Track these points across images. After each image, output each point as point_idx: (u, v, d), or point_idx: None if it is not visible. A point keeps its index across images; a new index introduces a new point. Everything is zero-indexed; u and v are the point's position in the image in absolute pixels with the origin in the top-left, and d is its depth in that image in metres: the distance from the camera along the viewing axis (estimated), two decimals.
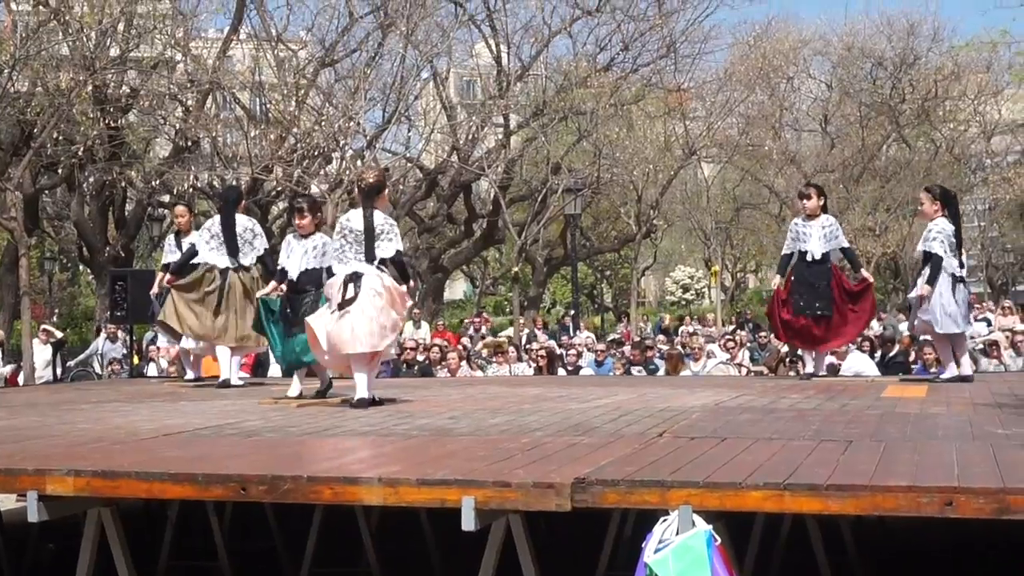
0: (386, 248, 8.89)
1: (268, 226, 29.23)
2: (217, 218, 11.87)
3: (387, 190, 9.51)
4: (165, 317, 11.76)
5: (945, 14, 61.38)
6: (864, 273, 12.21)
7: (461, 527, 5.18)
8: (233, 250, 11.54)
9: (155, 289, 12.93)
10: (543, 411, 8.64)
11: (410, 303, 9.06)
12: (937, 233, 10.63)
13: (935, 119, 40.97)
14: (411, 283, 9.35)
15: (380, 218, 8.96)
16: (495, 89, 31.14)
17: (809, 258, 11.50)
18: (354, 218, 9.01)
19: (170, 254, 12.86)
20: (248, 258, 11.58)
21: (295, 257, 9.96)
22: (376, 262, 8.86)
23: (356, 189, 9.68)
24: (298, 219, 10.11)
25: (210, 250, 11.64)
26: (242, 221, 11.71)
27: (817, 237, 11.51)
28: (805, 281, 11.51)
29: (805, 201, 11.73)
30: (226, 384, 11.58)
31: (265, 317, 10.16)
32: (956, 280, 10.62)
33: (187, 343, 12.35)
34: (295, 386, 10.20)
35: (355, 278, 8.82)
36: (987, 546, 8.59)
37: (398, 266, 9.03)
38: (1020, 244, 46.31)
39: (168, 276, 12.09)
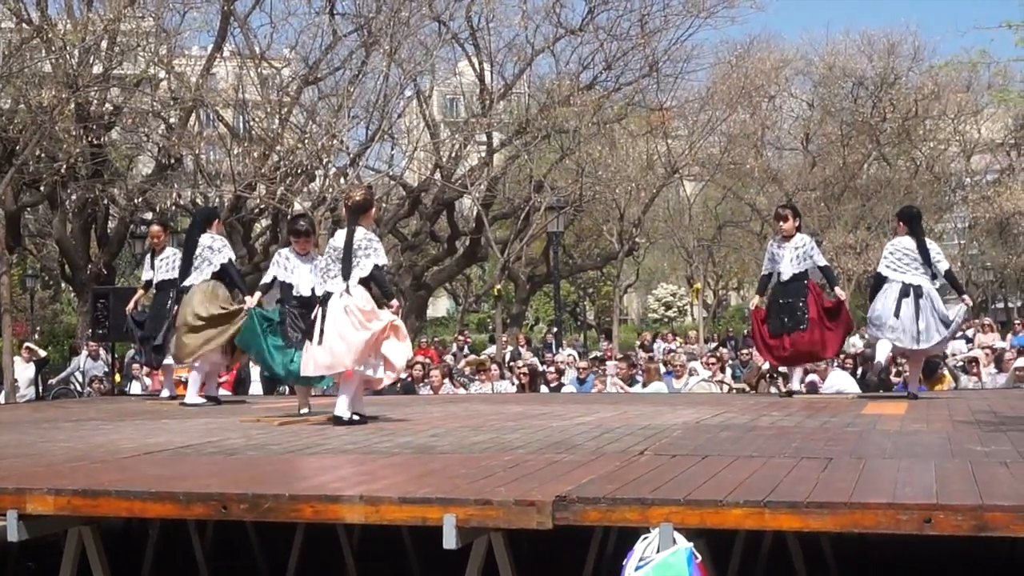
0: (364, 265, 8.96)
1: (251, 243, 29.19)
2: (203, 237, 11.95)
3: (373, 209, 9.58)
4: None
5: (925, 34, 62.01)
6: (838, 291, 12.32)
7: (443, 545, 5.18)
8: (185, 271, 11.67)
9: (130, 306, 12.96)
10: (525, 428, 8.65)
11: (386, 319, 9.05)
12: (886, 252, 11.24)
13: (915, 138, 41.21)
14: (394, 300, 9.41)
15: (360, 234, 9.02)
16: (478, 107, 31.19)
17: (782, 279, 11.66)
18: (339, 236, 9.13)
19: (147, 272, 12.89)
20: (203, 274, 11.62)
21: (303, 274, 10.01)
22: (355, 280, 8.93)
23: (343, 206, 9.76)
24: (302, 241, 10.15)
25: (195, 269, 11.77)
26: (203, 240, 11.75)
27: (789, 259, 11.66)
28: (780, 300, 11.65)
29: (781, 223, 11.84)
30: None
31: (262, 331, 10.11)
32: (904, 290, 10.87)
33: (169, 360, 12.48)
34: (303, 405, 10.29)
35: (323, 300, 8.96)
36: (966, 563, 8.62)
37: (378, 281, 9.09)
38: (999, 262, 46.50)
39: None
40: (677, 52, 32.32)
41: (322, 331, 8.94)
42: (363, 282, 8.98)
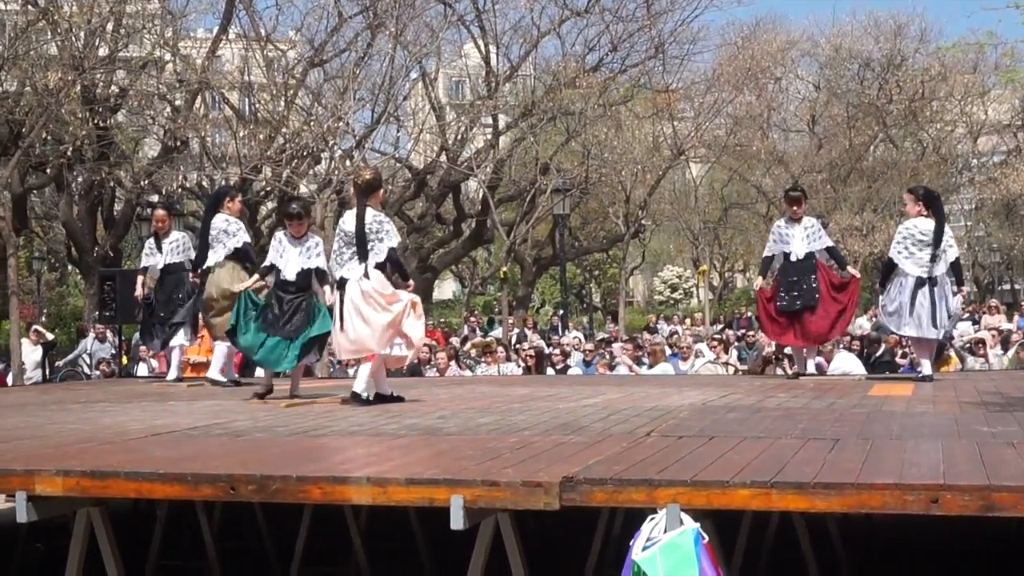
0: (379, 249, 9.01)
1: (257, 226, 29.19)
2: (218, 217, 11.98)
3: (381, 189, 9.63)
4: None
5: (932, 15, 61.89)
6: (851, 270, 12.31)
7: (450, 526, 5.19)
8: (202, 253, 11.68)
9: (140, 291, 12.97)
10: (531, 410, 8.66)
11: (406, 299, 9.12)
12: (899, 236, 11.02)
13: (922, 120, 41.11)
14: (411, 281, 9.50)
15: (371, 216, 9.06)
16: (484, 89, 31.17)
17: (793, 258, 11.64)
18: (348, 219, 9.16)
19: (148, 256, 12.87)
20: (217, 255, 11.63)
21: (290, 258, 9.94)
22: (371, 264, 8.99)
23: (352, 186, 9.79)
24: (296, 225, 10.07)
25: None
26: (217, 222, 11.75)
27: (800, 239, 11.66)
28: (791, 278, 11.61)
29: (795, 206, 11.82)
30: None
31: (244, 309, 10.06)
32: (919, 282, 10.78)
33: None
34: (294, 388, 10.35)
35: (340, 285, 9.01)
36: (973, 542, 8.64)
37: (395, 264, 9.18)
38: (1006, 243, 46.44)
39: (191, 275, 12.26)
40: (683, 33, 32.33)
41: (342, 316, 9.00)
42: (379, 265, 9.04)
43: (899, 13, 41.79)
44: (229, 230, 11.75)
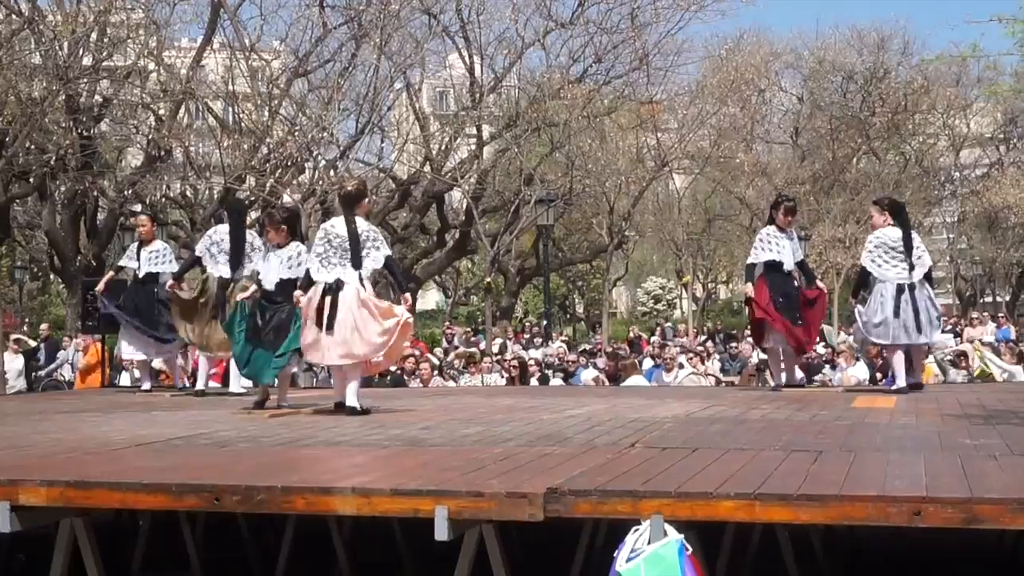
0: (375, 257, 9.06)
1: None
2: (221, 228, 11.89)
3: (367, 199, 9.64)
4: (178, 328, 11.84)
5: (915, 28, 62.10)
6: (819, 284, 12.21)
7: (434, 537, 5.20)
8: (236, 264, 11.57)
9: (100, 287, 12.97)
10: (516, 421, 8.67)
11: (401, 316, 9.13)
12: (871, 245, 11.00)
13: (904, 132, 41.31)
14: (407, 294, 9.51)
15: (364, 225, 9.12)
16: (468, 100, 31.19)
17: (785, 268, 11.59)
18: (338, 224, 9.16)
19: (128, 260, 12.92)
20: (246, 270, 11.58)
21: (271, 267, 9.90)
22: (366, 271, 9.01)
23: (337, 196, 9.83)
24: (273, 230, 10.00)
25: (210, 258, 11.71)
26: (249, 238, 11.77)
27: (791, 250, 11.64)
28: (782, 290, 11.56)
29: (791, 216, 11.82)
30: (201, 393, 11.69)
31: (238, 319, 10.03)
32: (899, 289, 10.80)
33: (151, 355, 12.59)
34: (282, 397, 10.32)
35: (336, 288, 8.96)
36: (956, 555, 8.66)
37: (393, 273, 9.26)
38: (988, 256, 46.63)
39: (171, 282, 12.06)
40: (667, 45, 32.40)
41: (332, 318, 8.97)
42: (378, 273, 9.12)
43: (882, 26, 42.03)
44: (255, 244, 11.78)
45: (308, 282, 9.25)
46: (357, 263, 8.99)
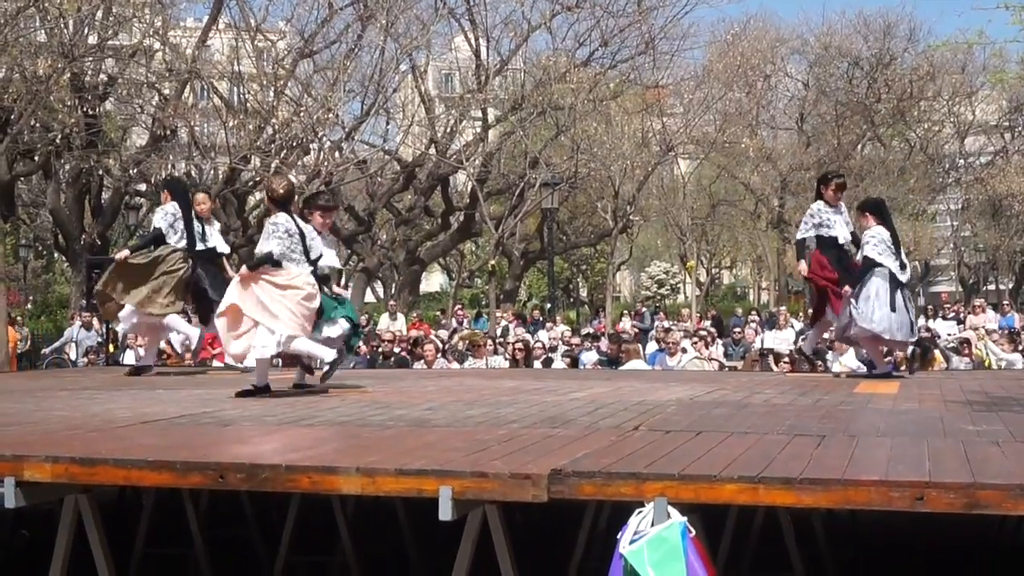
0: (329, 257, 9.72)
1: (245, 216, 29.18)
2: (172, 204, 11.83)
3: (295, 199, 9.66)
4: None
5: (921, 15, 62.05)
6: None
7: (438, 517, 5.21)
8: (192, 241, 11.69)
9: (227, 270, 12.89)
10: (519, 403, 8.68)
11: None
12: (873, 240, 10.95)
13: (910, 119, 41.27)
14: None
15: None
16: (473, 83, 31.16)
17: (842, 242, 11.48)
18: (295, 221, 9.26)
19: (174, 237, 12.59)
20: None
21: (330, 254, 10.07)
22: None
23: (267, 199, 9.83)
24: (326, 216, 10.08)
25: (174, 234, 11.70)
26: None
27: (842, 224, 11.53)
28: (841, 264, 11.44)
29: (840, 192, 11.70)
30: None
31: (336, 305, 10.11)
32: (896, 284, 10.82)
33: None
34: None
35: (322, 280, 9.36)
36: (957, 540, 8.69)
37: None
38: (992, 243, 46.62)
39: (125, 253, 11.98)
40: (673, 30, 32.39)
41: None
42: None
43: (888, 12, 42.14)
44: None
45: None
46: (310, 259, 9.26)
